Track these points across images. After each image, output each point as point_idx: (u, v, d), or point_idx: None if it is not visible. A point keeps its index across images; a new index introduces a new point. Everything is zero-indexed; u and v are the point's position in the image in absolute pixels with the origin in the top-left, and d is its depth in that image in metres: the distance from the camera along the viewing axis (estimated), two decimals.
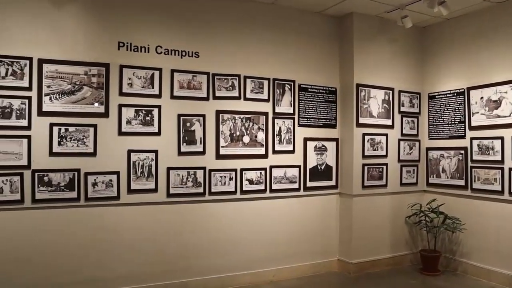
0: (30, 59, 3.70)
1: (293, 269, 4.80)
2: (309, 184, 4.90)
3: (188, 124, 4.24)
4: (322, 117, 4.99)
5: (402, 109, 5.31)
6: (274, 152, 4.68)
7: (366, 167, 5.00)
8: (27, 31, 3.71)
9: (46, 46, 3.76)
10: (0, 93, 3.59)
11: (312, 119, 4.92)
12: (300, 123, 4.84)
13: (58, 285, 3.78)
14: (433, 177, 5.36)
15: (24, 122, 3.66)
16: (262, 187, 4.61)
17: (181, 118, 4.21)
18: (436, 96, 5.32)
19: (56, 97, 3.77)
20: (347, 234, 5.01)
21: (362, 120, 4.97)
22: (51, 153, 3.75)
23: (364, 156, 4.99)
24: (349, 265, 4.94)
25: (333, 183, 5.07)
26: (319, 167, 4.97)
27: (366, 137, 5.00)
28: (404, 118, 5.32)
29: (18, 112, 3.64)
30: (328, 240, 5.07)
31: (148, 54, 4.13)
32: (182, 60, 4.26)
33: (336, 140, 5.08)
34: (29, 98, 3.68)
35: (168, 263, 4.20)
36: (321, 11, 4.95)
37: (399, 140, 5.28)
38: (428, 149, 5.43)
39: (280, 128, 4.70)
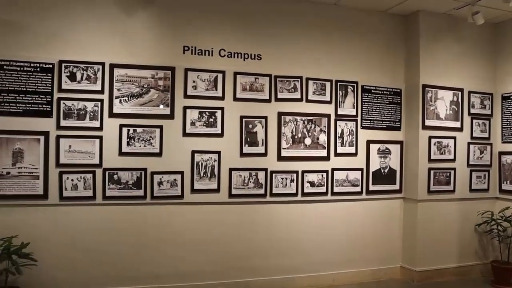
0: (103, 64, 3.91)
1: (353, 274, 4.70)
2: (371, 187, 4.77)
3: (250, 126, 4.29)
4: (386, 119, 4.85)
5: (472, 110, 5.03)
6: (336, 154, 4.61)
7: (432, 171, 4.79)
8: (100, 38, 3.94)
9: (117, 52, 3.97)
10: (76, 96, 3.84)
11: (376, 121, 4.80)
12: (363, 125, 4.73)
13: (124, 278, 3.97)
14: (506, 183, 5.03)
15: (97, 123, 3.88)
16: (323, 189, 4.55)
17: (244, 119, 4.27)
18: (511, 97, 4.99)
19: (125, 99, 3.96)
20: (411, 241, 4.82)
21: (428, 123, 4.77)
22: (121, 153, 3.94)
23: (430, 160, 4.78)
24: (413, 273, 4.75)
25: (396, 187, 4.90)
26: (382, 171, 4.83)
27: (433, 140, 4.79)
28: (475, 120, 5.04)
29: (91, 114, 3.86)
30: (390, 246, 4.90)
31: (212, 57, 4.23)
32: (245, 63, 4.31)
33: (400, 143, 4.91)
34: (101, 100, 3.90)
35: (230, 262, 4.26)
36: (385, 10, 4.82)
37: (469, 143, 5.01)
38: (501, 153, 5.10)
39: (342, 130, 4.62)
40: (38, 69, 3.78)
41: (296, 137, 4.44)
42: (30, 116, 3.74)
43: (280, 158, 4.39)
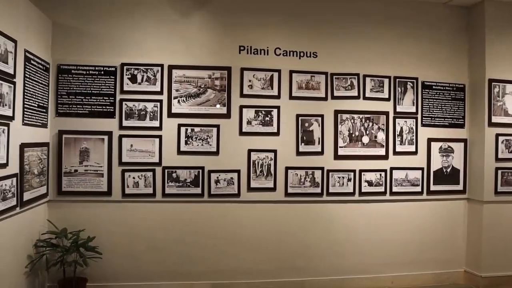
0: (162, 65, 4.04)
1: (413, 277, 4.53)
2: (432, 187, 4.57)
3: (306, 124, 4.25)
4: (448, 116, 4.63)
5: None
6: (395, 153, 4.46)
7: (499, 171, 4.51)
8: (159, 40, 4.08)
9: (174, 53, 4.09)
10: (137, 97, 4.00)
11: (437, 119, 4.59)
12: (423, 122, 4.54)
13: (181, 273, 4.09)
14: None
15: (156, 123, 4.01)
16: (381, 189, 4.43)
17: (300, 118, 4.24)
18: None
19: (183, 99, 4.06)
20: (476, 244, 4.57)
21: (495, 119, 4.50)
22: (179, 152, 4.06)
23: (497, 159, 4.51)
24: (478, 279, 4.50)
25: (460, 187, 4.67)
26: (444, 170, 4.61)
27: (500, 138, 4.51)
28: None
29: (151, 114, 4.00)
30: (453, 249, 4.67)
31: (267, 56, 4.24)
32: (300, 61, 4.29)
33: (464, 141, 4.67)
34: (161, 101, 4.03)
35: (285, 261, 4.25)
36: (447, 2, 4.60)
37: None
38: None
39: (401, 128, 4.47)
40: (102, 72, 3.97)
41: (353, 135, 4.35)
42: (95, 117, 3.95)
43: (336, 156, 4.32)
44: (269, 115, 4.18)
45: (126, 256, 4.00)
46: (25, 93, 3.39)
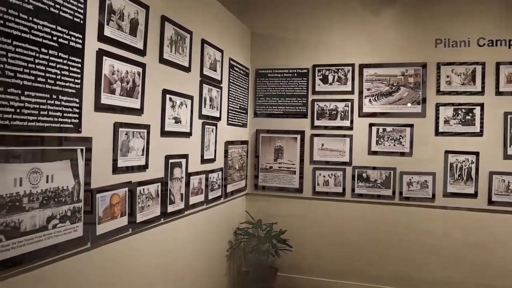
0: (352, 65, 4.05)
1: None
2: None
3: None
4: None
5: None
6: None
7: None
8: (349, 40, 4.10)
9: (364, 52, 4.05)
10: (328, 98, 4.10)
11: None
12: None
13: (373, 276, 4.01)
14: None
15: (347, 123, 4.04)
16: None
17: (509, 116, 3.72)
18: None
19: (374, 98, 3.99)
20: None
21: None
22: (370, 152, 4.01)
23: None
24: None
25: None
26: None
27: None
28: None
29: (342, 113, 4.04)
30: None
31: (468, 48, 3.84)
32: (510, 51, 3.77)
33: None
34: (351, 100, 4.04)
35: (480, 277, 3.77)
36: None
37: None
38: None
39: None
40: (295, 75, 4.18)
41: None
42: (288, 117, 4.20)
43: None
44: (470, 114, 3.80)
45: (314, 252, 4.14)
46: (229, 97, 3.78)
